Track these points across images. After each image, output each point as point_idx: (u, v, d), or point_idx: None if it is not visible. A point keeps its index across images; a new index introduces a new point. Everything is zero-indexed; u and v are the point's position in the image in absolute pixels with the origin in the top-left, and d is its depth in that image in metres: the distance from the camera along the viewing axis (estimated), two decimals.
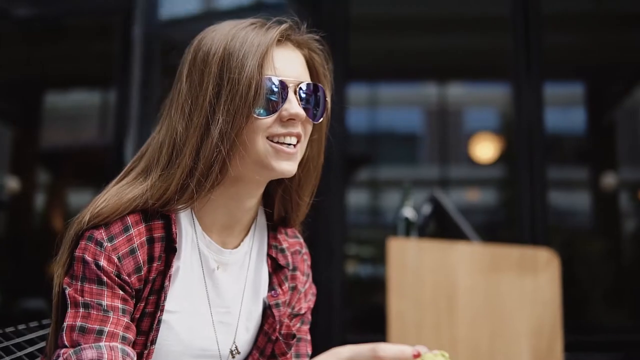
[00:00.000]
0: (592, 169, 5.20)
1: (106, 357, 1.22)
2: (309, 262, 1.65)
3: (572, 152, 5.56)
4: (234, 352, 1.46)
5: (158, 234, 1.35)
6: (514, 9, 4.32)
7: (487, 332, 2.69)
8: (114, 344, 1.25)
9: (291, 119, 1.38)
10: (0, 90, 5.09)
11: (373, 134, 6.78)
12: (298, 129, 1.39)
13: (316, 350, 1.57)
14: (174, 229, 1.36)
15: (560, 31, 4.85)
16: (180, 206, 1.34)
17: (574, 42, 5.14)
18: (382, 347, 1.43)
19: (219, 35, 1.41)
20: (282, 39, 1.44)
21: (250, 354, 1.50)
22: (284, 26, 1.44)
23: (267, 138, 1.36)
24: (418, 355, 1.27)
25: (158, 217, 1.36)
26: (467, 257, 2.71)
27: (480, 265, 2.71)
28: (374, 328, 5.52)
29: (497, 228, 5.78)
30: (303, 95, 1.41)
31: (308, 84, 1.43)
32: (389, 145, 7.31)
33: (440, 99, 6.33)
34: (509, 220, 5.55)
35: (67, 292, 1.28)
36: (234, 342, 1.46)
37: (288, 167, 1.37)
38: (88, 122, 5.63)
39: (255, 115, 1.35)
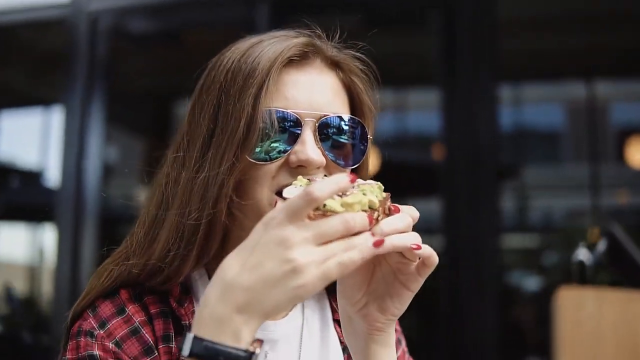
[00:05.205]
0: None
1: None
2: (397, 327, 1.23)
3: None
4: None
5: (155, 309, 1.05)
6: None
7: None
8: None
9: (301, 166, 1.02)
10: (130, 103, 5.08)
11: (519, 134, 6.57)
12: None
13: None
14: (173, 304, 1.05)
15: None
16: (164, 279, 1.03)
17: None
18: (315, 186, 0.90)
19: (232, 55, 1.08)
20: (307, 58, 1.06)
21: None
22: (301, 40, 1.06)
23: (276, 190, 1.02)
24: (354, 179, 0.85)
25: (149, 292, 1.06)
26: None
27: None
28: (522, 347, 5.25)
29: None
30: (330, 133, 1.04)
31: (337, 118, 1.05)
32: (533, 145, 7.05)
33: (587, 96, 6.01)
34: None
35: None
36: None
37: None
38: None
39: (252, 160, 1.01)
